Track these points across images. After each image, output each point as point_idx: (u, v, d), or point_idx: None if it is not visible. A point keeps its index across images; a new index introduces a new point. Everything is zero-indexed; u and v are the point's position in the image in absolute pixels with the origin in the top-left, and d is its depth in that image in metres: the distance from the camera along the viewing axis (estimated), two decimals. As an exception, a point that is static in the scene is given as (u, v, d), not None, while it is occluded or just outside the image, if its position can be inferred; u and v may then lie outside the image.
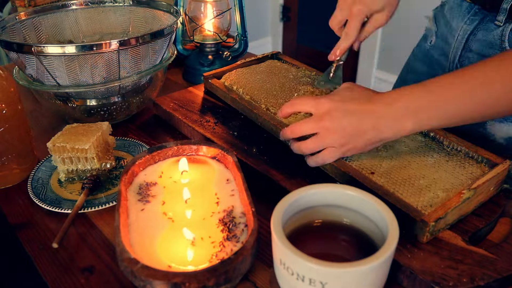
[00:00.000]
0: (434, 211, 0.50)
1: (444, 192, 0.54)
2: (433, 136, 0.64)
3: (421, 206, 0.52)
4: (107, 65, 0.71)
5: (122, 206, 0.51)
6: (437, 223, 0.49)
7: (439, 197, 0.54)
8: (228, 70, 0.86)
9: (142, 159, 0.59)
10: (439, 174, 0.57)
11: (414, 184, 0.56)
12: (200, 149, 0.62)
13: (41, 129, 0.82)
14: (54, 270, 0.52)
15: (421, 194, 0.54)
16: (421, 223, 0.49)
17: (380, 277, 0.41)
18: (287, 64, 0.89)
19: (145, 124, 0.83)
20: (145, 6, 0.90)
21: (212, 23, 0.99)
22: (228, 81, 0.82)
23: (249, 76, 0.83)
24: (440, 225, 0.50)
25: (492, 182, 0.55)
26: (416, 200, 0.53)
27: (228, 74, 0.85)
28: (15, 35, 0.80)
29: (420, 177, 0.57)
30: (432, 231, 0.49)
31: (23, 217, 0.60)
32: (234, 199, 0.54)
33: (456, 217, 0.53)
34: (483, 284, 0.45)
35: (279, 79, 0.82)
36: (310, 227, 0.48)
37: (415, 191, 0.55)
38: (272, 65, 0.89)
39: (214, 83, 0.82)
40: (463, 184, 0.56)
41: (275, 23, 3.20)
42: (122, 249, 0.44)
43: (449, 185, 0.55)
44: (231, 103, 0.79)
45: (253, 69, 0.86)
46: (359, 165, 0.59)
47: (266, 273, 0.51)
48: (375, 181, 0.56)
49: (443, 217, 0.50)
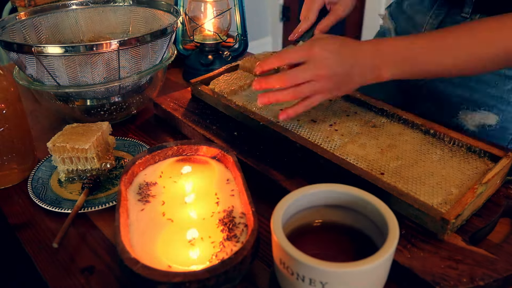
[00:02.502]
0: (453, 208, 0.51)
1: (456, 188, 0.55)
2: (434, 132, 0.65)
3: (436, 204, 0.53)
4: (107, 65, 0.71)
5: (122, 206, 0.51)
6: (457, 219, 0.50)
7: (453, 193, 0.54)
8: (215, 75, 0.85)
9: (142, 159, 0.59)
10: (446, 171, 0.58)
11: (425, 183, 0.56)
12: (200, 149, 0.62)
13: (41, 129, 0.82)
14: (54, 270, 0.52)
15: (434, 192, 0.55)
16: (442, 221, 0.49)
17: (380, 277, 0.41)
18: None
19: (145, 124, 0.83)
20: (145, 6, 0.90)
21: (212, 23, 0.99)
22: (217, 88, 0.80)
23: (237, 81, 0.82)
24: (458, 221, 0.51)
25: (499, 175, 0.56)
26: (430, 198, 0.54)
27: (216, 80, 0.83)
28: (15, 35, 0.80)
29: (429, 175, 0.57)
30: (452, 228, 0.50)
31: (23, 217, 0.60)
32: (234, 199, 0.54)
33: (470, 213, 0.53)
34: (483, 284, 0.45)
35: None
36: (310, 227, 0.48)
37: (427, 189, 0.55)
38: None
39: (203, 90, 0.80)
40: (471, 179, 0.56)
41: (275, 23, 3.19)
42: (122, 249, 0.44)
43: (459, 181, 0.56)
44: (224, 110, 0.77)
45: (240, 73, 0.85)
46: (367, 166, 0.59)
47: (266, 273, 0.51)
48: (387, 181, 0.56)
49: (461, 214, 0.50)
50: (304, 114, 0.71)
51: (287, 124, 0.69)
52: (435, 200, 0.53)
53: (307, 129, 0.68)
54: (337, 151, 0.63)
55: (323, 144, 0.64)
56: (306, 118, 0.71)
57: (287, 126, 0.68)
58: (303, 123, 0.70)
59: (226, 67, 0.88)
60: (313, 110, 0.72)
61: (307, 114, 0.71)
